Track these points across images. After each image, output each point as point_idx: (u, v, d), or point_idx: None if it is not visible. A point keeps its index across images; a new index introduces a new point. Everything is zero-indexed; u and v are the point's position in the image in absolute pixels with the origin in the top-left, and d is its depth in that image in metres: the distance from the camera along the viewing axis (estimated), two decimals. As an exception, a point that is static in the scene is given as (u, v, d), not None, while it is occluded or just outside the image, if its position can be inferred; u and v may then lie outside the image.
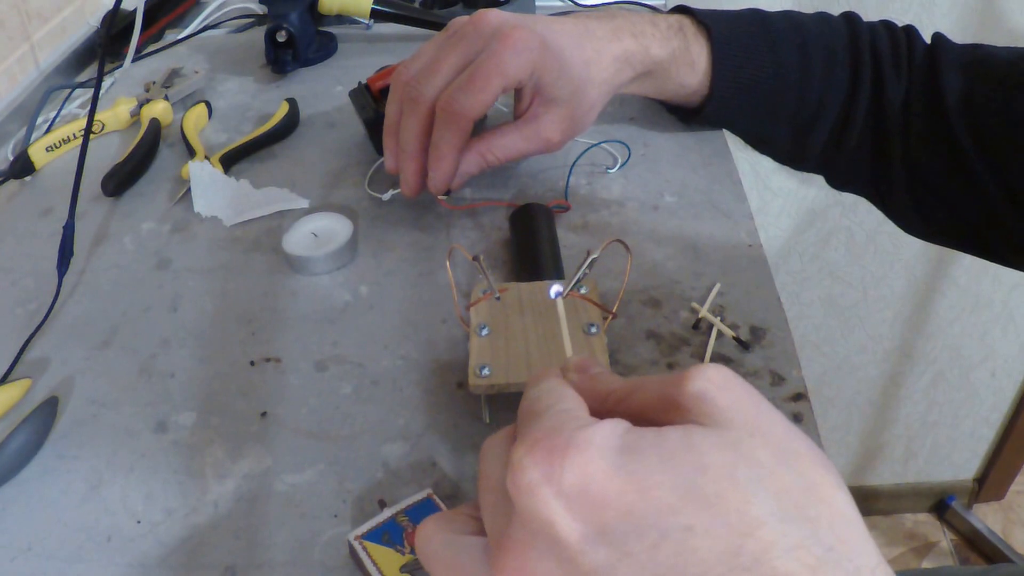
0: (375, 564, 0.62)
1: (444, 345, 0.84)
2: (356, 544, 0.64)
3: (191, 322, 0.88)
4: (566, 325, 0.66)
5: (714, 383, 0.40)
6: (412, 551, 0.63)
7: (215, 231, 1.00)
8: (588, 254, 0.76)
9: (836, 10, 0.98)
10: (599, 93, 0.90)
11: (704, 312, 0.83)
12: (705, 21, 0.93)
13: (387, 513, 0.66)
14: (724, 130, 1.10)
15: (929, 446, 2.66)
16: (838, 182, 1.04)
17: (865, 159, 0.97)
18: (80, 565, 0.67)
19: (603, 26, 0.90)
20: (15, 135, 1.23)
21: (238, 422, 0.78)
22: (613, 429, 0.38)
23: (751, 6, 0.98)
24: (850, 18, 0.96)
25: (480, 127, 0.94)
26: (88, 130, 1.03)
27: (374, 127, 1.07)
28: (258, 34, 1.41)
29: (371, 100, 1.08)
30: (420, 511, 0.66)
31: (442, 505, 0.67)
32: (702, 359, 0.80)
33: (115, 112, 1.19)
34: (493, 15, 0.86)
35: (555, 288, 0.73)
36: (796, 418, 0.75)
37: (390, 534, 0.64)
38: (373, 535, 0.64)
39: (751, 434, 0.38)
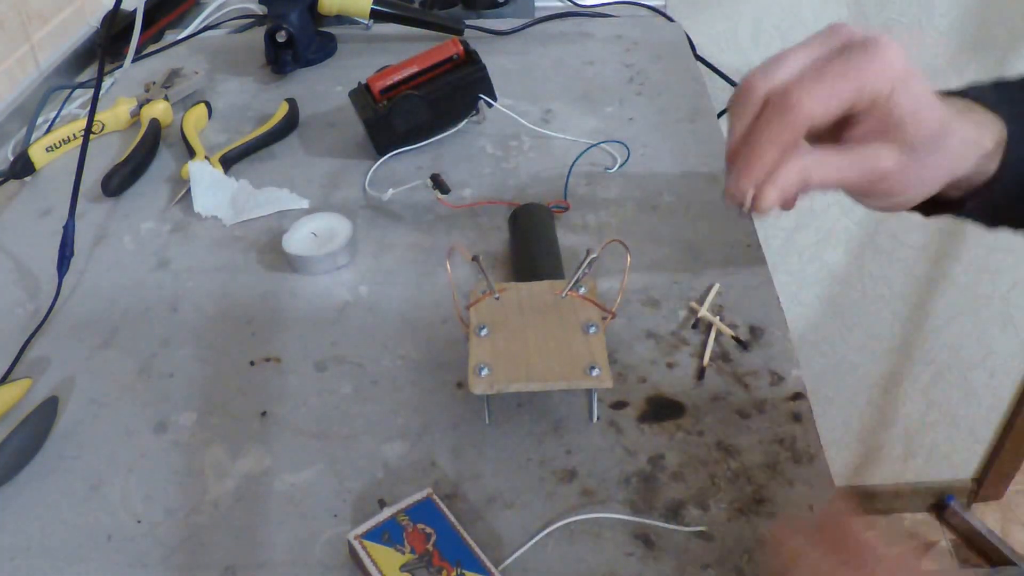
0: (375, 563, 0.62)
1: (444, 345, 0.84)
2: (356, 544, 0.64)
3: (191, 322, 0.88)
4: None
5: None
6: (412, 550, 0.63)
7: (215, 231, 1.00)
8: (587, 254, 0.76)
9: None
10: (943, 168, 0.76)
11: (703, 312, 0.83)
12: (982, 100, 0.80)
13: (387, 512, 0.66)
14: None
15: (928, 446, 2.66)
16: None
17: None
18: (80, 565, 0.67)
19: (949, 104, 0.76)
20: (15, 135, 1.23)
21: (238, 422, 0.78)
22: None
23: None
24: None
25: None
26: (88, 130, 1.03)
27: (374, 127, 1.07)
28: (258, 34, 1.41)
29: (371, 100, 1.08)
30: (420, 511, 0.66)
31: (442, 505, 0.66)
32: (701, 358, 0.80)
33: (115, 112, 1.19)
34: (863, 29, 0.73)
35: None
36: (795, 418, 0.75)
37: (390, 533, 0.64)
38: (373, 534, 0.64)
39: None
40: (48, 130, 1.22)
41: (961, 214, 0.85)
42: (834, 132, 0.74)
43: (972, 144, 0.76)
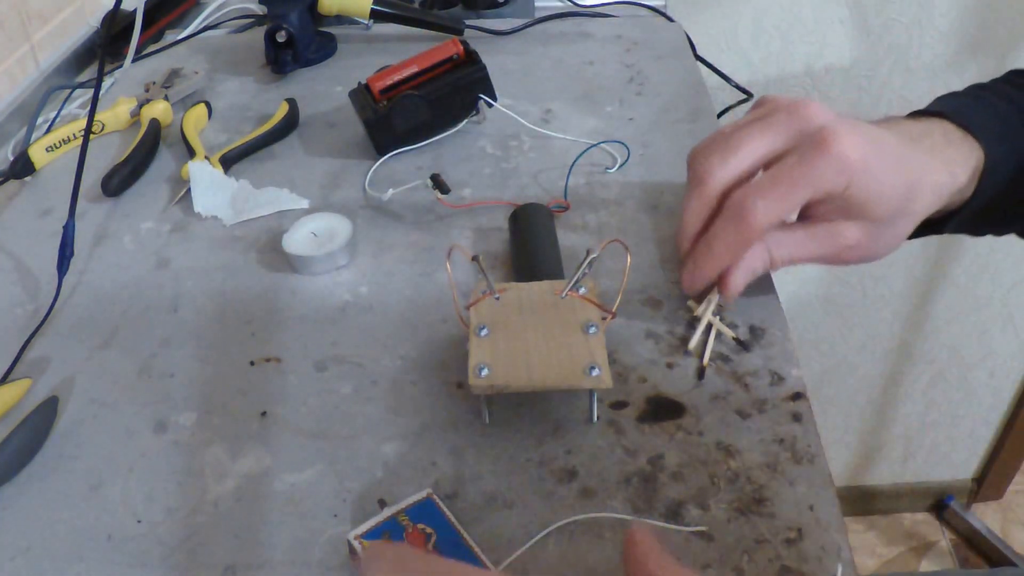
0: None
1: (444, 345, 0.84)
2: (356, 544, 0.63)
3: (191, 322, 0.88)
4: None
5: None
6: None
7: (215, 231, 1.00)
8: (587, 254, 0.76)
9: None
10: (909, 225, 0.79)
11: (700, 311, 0.83)
12: (963, 122, 0.81)
13: (387, 512, 0.65)
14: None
15: (928, 446, 2.66)
16: None
17: None
18: (80, 565, 0.67)
19: (921, 148, 0.78)
20: (15, 135, 1.23)
21: (238, 422, 0.78)
22: None
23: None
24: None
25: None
26: (88, 130, 1.03)
27: (374, 127, 1.07)
28: (258, 34, 1.41)
29: (371, 100, 1.08)
30: (420, 511, 0.66)
31: (442, 505, 0.66)
32: (701, 358, 0.80)
33: (115, 112, 1.19)
34: (816, 109, 0.74)
35: None
36: (795, 418, 0.75)
37: (390, 533, 0.63)
38: (373, 534, 0.63)
39: None
40: (48, 130, 1.22)
41: (943, 232, 0.87)
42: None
43: (945, 187, 0.78)
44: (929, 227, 0.86)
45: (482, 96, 1.10)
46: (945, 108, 0.84)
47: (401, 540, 0.63)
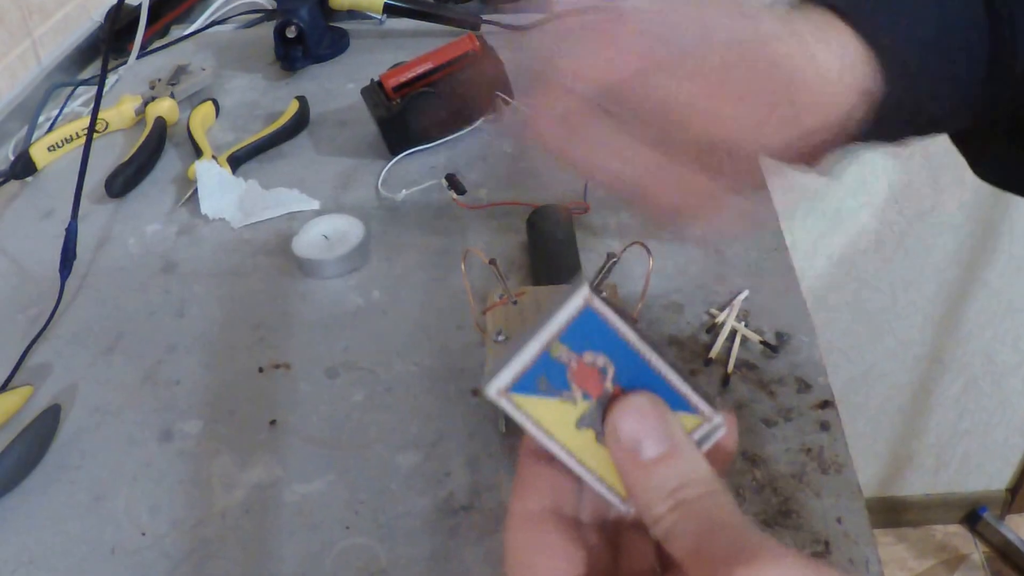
0: (540, 427, 0.42)
1: (459, 351, 0.84)
2: (505, 402, 0.42)
3: (198, 327, 0.88)
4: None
5: None
6: (586, 395, 0.43)
7: (222, 233, 1.00)
8: (608, 257, 0.75)
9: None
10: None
11: (723, 317, 0.83)
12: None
13: (534, 345, 0.41)
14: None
15: (960, 455, 2.65)
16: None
17: None
18: (83, 578, 0.67)
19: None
20: (16, 134, 1.24)
21: (246, 430, 0.78)
22: None
23: None
24: None
25: None
26: (91, 129, 1.03)
27: (387, 125, 1.07)
28: (267, 30, 1.41)
29: (384, 98, 1.08)
30: (580, 330, 0.42)
31: (609, 312, 0.43)
32: (726, 365, 0.79)
33: (119, 110, 1.19)
34: None
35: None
36: (823, 426, 0.74)
37: (547, 377, 0.42)
38: (525, 384, 0.42)
39: None
40: (50, 129, 1.22)
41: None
42: None
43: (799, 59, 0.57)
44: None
45: (499, 93, 1.10)
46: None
47: (565, 384, 0.42)
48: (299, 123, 1.16)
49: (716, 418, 0.45)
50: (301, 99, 1.19)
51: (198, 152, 1.10)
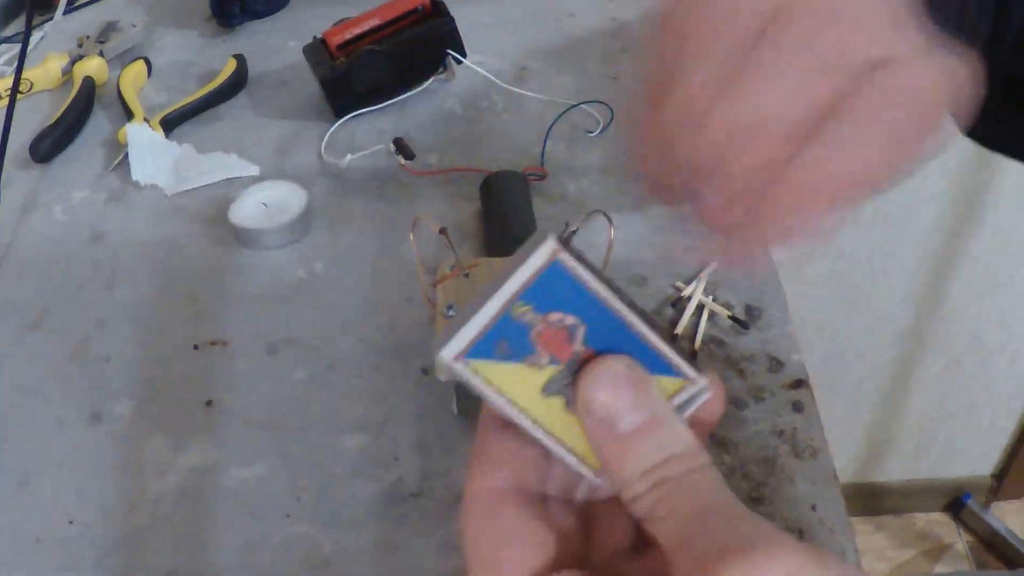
0: (502, 394, 0.41)
1: (408, 327, 0.84)
2: (462, 369, 0.40)
3: (129, 301, 0.88)
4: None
5: None
6: (553, 359, 0.41)
7: (155, 201, 1.00)
8: (567, 226, 0.76)
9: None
10: None
11: (690, 290, 0.83)
12: None
13: (492, 307, 0.39)
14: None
15: (943, 439, 2.67)
16: None
17: None
18: (5, 570, 0.67)
19: None
20: (-68, 94, 1.23)
21: (181, 411, 0.78)
22: None
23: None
24: None
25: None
26: (15, 89, 1.03)
27: (331, 86, 1.07)
28: (202, -17, 1.41)
29: (327, 56, 1.08)
30: (546, 286, 0.40)
31: (580, 268, 0.40)
32: (692, 342, 0.80)
33: (45, 69, 1.18)
34: None
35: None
36: (796, 407, 0.75)
37: (508, 341, 0.40)
38: (481, 348, 0.40)
39: None
40: (-32, 89, 1.21)
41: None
42: None
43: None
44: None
45: (450, 52, 1.10)
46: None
47: (528, 347, 0.40)
48: (237, 83, 1.16)
49: (700, 380, 0.43)
50: (239, 57, 1.18)
51: (129, 114, 1.09)
